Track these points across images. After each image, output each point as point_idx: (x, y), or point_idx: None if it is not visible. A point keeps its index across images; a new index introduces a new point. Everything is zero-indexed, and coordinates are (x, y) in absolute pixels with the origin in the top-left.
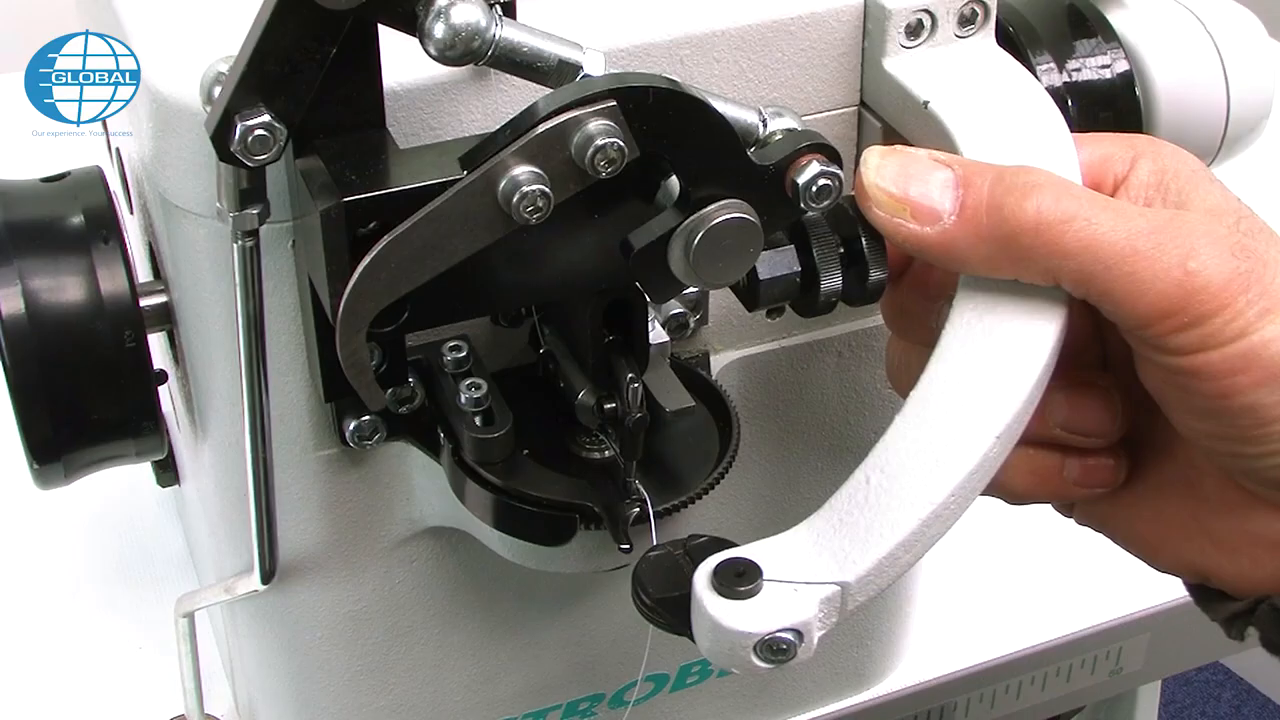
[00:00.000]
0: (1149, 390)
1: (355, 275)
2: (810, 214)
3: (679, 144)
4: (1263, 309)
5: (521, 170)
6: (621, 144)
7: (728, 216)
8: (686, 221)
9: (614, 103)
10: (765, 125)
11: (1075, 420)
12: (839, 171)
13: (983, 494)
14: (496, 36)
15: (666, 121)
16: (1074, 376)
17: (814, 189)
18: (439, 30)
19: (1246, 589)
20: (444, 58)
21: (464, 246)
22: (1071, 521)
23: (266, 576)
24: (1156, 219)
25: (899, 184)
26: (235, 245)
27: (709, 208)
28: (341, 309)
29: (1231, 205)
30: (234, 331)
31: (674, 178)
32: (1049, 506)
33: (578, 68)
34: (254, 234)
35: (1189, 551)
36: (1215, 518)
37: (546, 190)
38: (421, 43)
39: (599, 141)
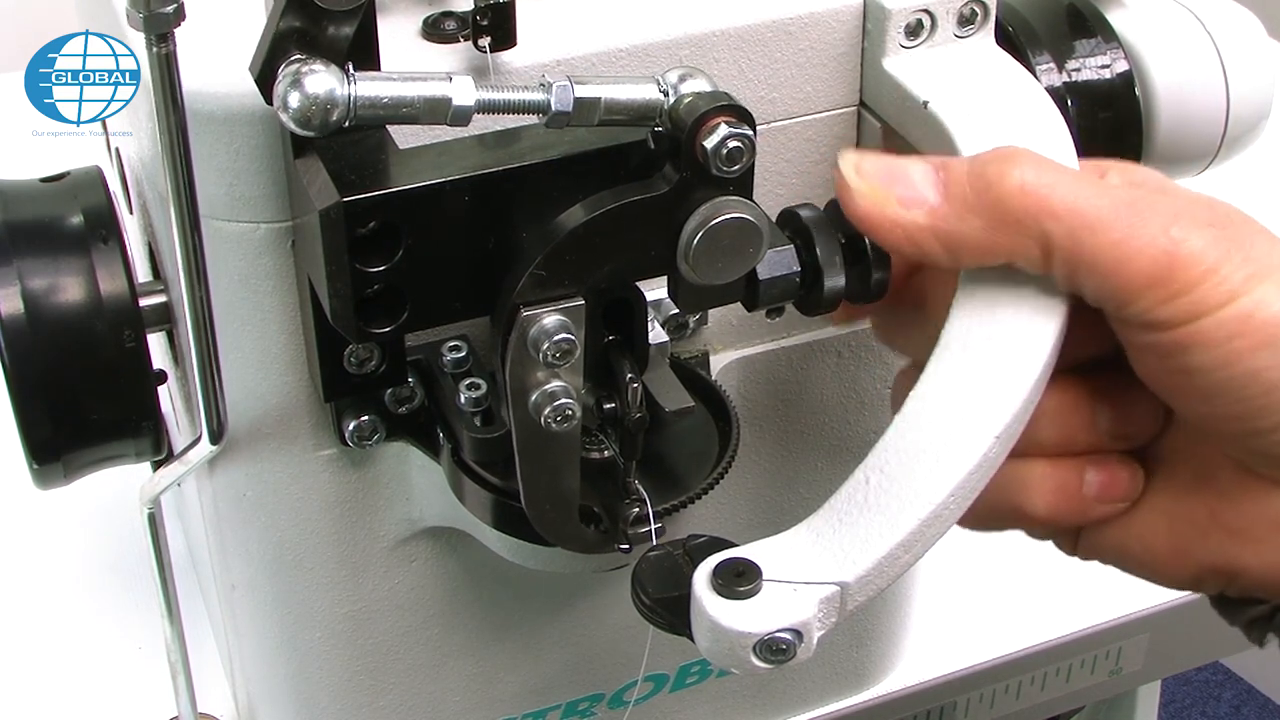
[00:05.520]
0: (1149, 384)
1: None
2: (726, 178)
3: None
4: (1249, 274)
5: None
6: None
7: (728, 216)
8: (687, 224)
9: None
10: (670, 95)
11: (1121, 424)
12: (749, 133)
13: (999, 528)
14: (353, 96)
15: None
16: (1116, 379)
17: (724, 152)
18: (294, 99)
19: (1277, 581)
20: (307, 127)
21: None
22: None
23: (215, 436)
24: (1134, 194)
25: (881, 177)
26: (150, 54)
27: (705, 206)
28: None
29: (1203, 196)
30: (233, 332)
31: (668, 166)
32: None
33: (446, 101)
34: (166, 39)
35: (1211, 554)
36: (1235, 511)
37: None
38: (278, 114)
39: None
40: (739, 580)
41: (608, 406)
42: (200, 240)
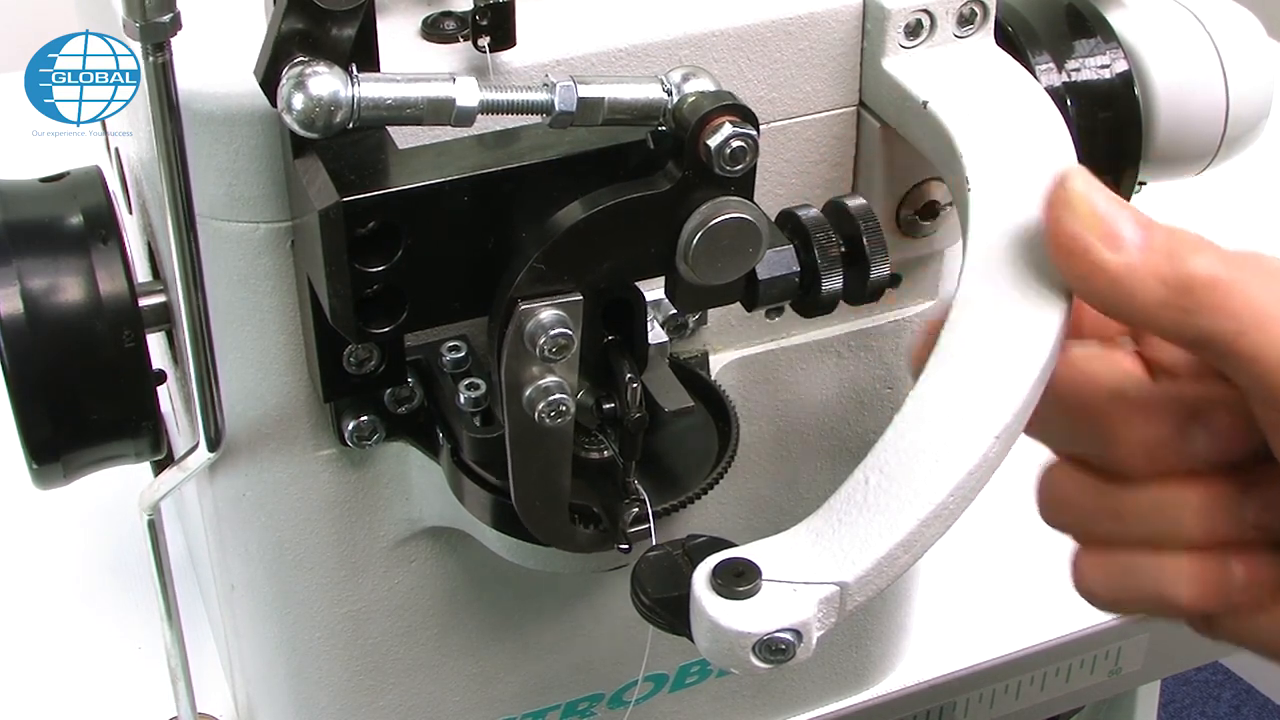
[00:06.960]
0: None
1: None
2: (729, 177)
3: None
4: None
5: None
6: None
7: (727, 216)
8: (687, 223)
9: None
10: (673, 94)
11: (1267, 517)
12: (753, 133)
13: (1143, 613)
14: (356, 98)
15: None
16: (1263, 473)
17: (727, 151)
18: (298, 101)
19: None
20: (311, 129)
21: None
22: None
23: (213, 444)
24: None
25: (1102, 206)
26: (146, 63)
27: (705, 206)
28: None
29: None
30: (233, 332)
31: (670, 164)
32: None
33: (450, 102)
34: (163, 48)
35: None
36: None
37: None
38: (282, 116)
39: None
40: (738, 580)
41: (607, 406)
42: (197, 251)
